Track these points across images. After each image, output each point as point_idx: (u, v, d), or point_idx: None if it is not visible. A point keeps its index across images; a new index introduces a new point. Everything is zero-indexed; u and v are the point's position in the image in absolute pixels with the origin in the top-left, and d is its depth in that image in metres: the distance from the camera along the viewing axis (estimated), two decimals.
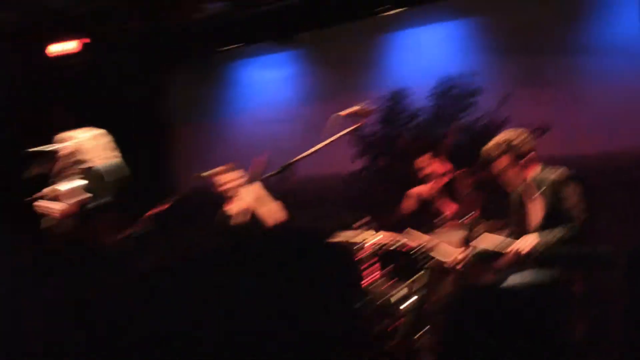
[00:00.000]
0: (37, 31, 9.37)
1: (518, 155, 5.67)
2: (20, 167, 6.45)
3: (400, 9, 9.06)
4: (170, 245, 9.13)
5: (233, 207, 7.71)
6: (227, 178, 7.63)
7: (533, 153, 5.72)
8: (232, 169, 7.71)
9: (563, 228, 5.50)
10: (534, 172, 5.73)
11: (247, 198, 7.40)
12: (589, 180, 6.14)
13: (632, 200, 7.62)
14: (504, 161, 5.70)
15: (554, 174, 5.68)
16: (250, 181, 7.47)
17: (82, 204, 6.31)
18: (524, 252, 5.50)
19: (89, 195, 6.33)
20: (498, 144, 5.73)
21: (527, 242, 5.53)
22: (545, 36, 8.50)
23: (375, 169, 9.34)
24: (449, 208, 6.93)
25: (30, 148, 6.53)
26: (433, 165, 7.20)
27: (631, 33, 7.84)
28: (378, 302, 5.86)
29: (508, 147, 5.67)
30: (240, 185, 7.63)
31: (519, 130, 5.98)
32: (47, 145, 6.64)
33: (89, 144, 6.63)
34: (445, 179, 7.10)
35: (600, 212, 6.04)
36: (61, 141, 6.62)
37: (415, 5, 8.95)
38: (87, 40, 9.45)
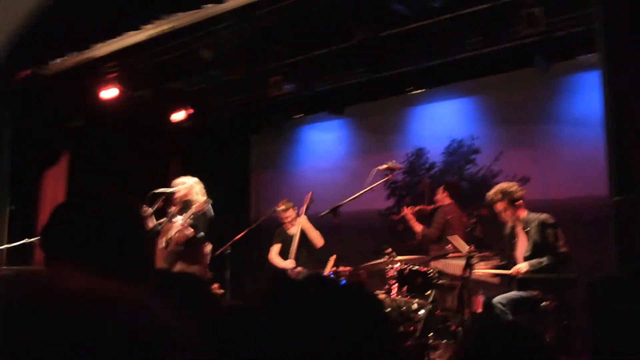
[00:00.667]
0: (161, 104, 9.53)
1: (511, 200, 5.62)
2: (148, 202, 6.52)
3: (421, 90, 9.05)
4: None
5: (291, 230, 7.71)
6: (288, 212, 7.67)
7: (522, 200, 5.68)
8: (291, 205, 7.73)
9: (547, 258, 5.43)
10: (523, 213, 5.67)
11: (302, 224, 7.42)
12: (560, 218, 6.02)
13: (594, 235, 7.43)
14: (501, 204, 5.66)
15: (539, 216, 5.61)
16: (302, 212, 7.50)
17: (189, 234, 6.35)
18: (520, 273, 5.45)
19: (192, 228, 6.37)
20: (497, 192, 5.69)
21: (521, 267, 5.47)
22: (528, 110, 8.41)
23: (401, 206, 9.27)
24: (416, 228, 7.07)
25: (155, 189, 6.62)
26: (441, 196, 7.29)
27: (593, 107, 7.69)
28: (400, 310, 5.77)
29: (504, 194, 5.64)
30: (295, 217, 7.67)
31: (512, 182, 5.93)
32: (167, 188, 6.72)
33: (195, 188, 6.69)
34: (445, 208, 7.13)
35: (569, 244, 5.91)
36: (176, 185, 6.69)
37: (432, 87, 8.92)
38: (192, 111, 9.59)
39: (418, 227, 7.25)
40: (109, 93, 8.72)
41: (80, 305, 0.54)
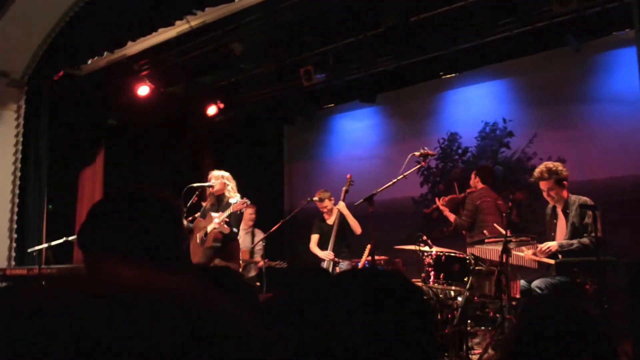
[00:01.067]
0: (193, 99, 9.62)
1: (558, 179, 5.58)
2: (185, 196, 6.60)
3: (452, 74, 9.00)
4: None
5: (329, 220, 7.77)
6: (325, 202, 7.72)
7: (567, 179, 5.64)
8: (328, 195, 7.78)
9: (577, 241, 5.37)
10: (566, 195, 5.64)
11: (341, 209, 7.47)
12: (599, 199, 5.94)
13: (634, 215, 7.31)
14: (546, 183, 5.62)
15: (580, 199, 5.57)
16: (342, 195, 7.55)
17: (225, 231, 6.43)
18: (550, 250, 5.41)
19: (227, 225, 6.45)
20: (544, 170, 5.65)
21: (551, 244, 5.44)
22: (562, 90, 8.30)
23: (437, 192, 9.25)
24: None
25: (190, 184, 6.70)
26: (473, 182, 7.24)
27: (629, 84, 7.56)
28: (438, 297, 5.77)
29: (550, 173, 5.60)
30: (332, 206, 7.73)
31: (559, 162, 5.89)
32: (203, 183, 6.80)
33: (230, 182, 6.76)
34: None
35: (607, 225, 5.83)
36: (211, 179, 6.75)
37: (463, 71, 8.86)
38: (223, 105, 9.67)
39: (452, 217, 7.21)
40: (141, 91, 8.83)
41: (135, 300, 0.53)
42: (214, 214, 6.51)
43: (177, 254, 1.79)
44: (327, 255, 7.45)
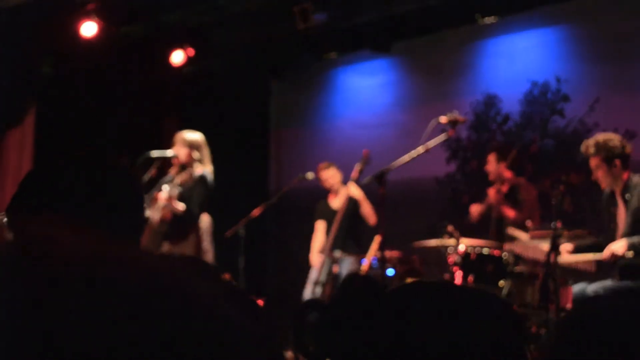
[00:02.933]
0: (154, 42, 9.58)
1: (609, 156, 5.60)
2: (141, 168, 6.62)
3: (492, 18, 8.99)
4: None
5: (335, 201, 7.82)
6: (331, 174, 7.76)
7: (625, 158, 5.64)
8: (335, 167, 7.83)
9: None
10: (626, 176, 5.65)
11: (353, 192, 7.49)
12: None
13: None
14: (595, 160, 5.64)
15: None
16: (354, 176, 7.58)
17: (179, 209, 6.49)
18: (616, 255, 5.43)
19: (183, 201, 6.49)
20: (593, 144, 5.67)
21: (617, 247, 5.45)
22: (634, 42, 8.28)
23: (468, 171, 9.28)
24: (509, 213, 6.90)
25: (148, 150, 6.71)
26: (500, 170, 7.18)
27: None
28: None
29: (599, 148, 5.62)
30: (339, 184, 7.77)
31: (615, 135, 5.90)
32: (165, 151, 6.82)
33: (201, 150, 6.78)
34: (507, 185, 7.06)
35: None
36: (178, 143, 6.78)
37: (507, 14, 8.86)
38: (195, 51, 9.64)
39: (511, 213, 7.00)
40: (86, 29, 8.78)
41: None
42: (164, 187, 6.58)
43: (133, 227, 1.83)
44: (315, 260, 7.56)
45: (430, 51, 9.75)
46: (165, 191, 6.50)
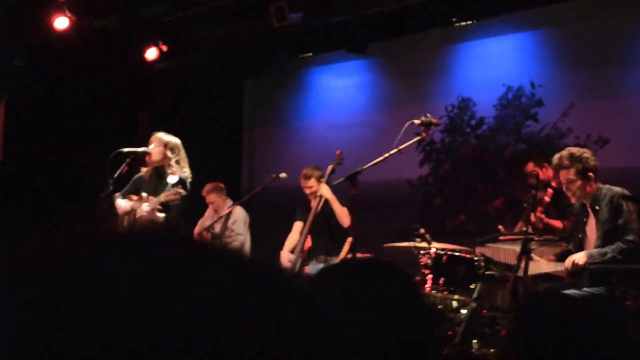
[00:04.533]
0: (129, 37, 9.53)
1: (583, 169, 5.62)
2: (111, 166, 6.55)
3: (468, 22, 8.99)
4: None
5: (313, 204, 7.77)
6: (311, 180, 7.69)
7: (596, 171, 5.67)
8: (319, 173, 7.77)
9: (615, 247, 5.43)
10: (595, 187, 5.68)
11: (324, 193, 7.42)
12: None
13: None
14: (568, 173, 5.66)
15: (612, 190, 5.62)
16: (325, 176, 7.52)
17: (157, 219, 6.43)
18: (579, 264, 5.46)
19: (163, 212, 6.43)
20: (565, 156, 5.69)
21: (577, 257, 5.48)
22: (609, 47, 8.33)
23: (441, 174, 9.30)
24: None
25: (121, 146, 6.65)
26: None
27: None
28: (436, 308, 5.82)
29: (573, 160, 5.63)
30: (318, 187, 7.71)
31: (585, 149, 5.93)
32: (136, 148, 6.75)
33: (173, 155, 6.71)
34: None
35: None
36: (156, 142, 6.71)
37: (482, 18, 8.88)
38: (169, 47, 9.59)
39: (558, 223, 6.82)
40: (59, 23, 8.72)
41: None
42: (145, 194, 6.50)
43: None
44: (284, 258, 7.52)
45: (406, 53, 9.76)
46: (146, 205, 6.43)
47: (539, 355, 1.61)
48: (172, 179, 6.45)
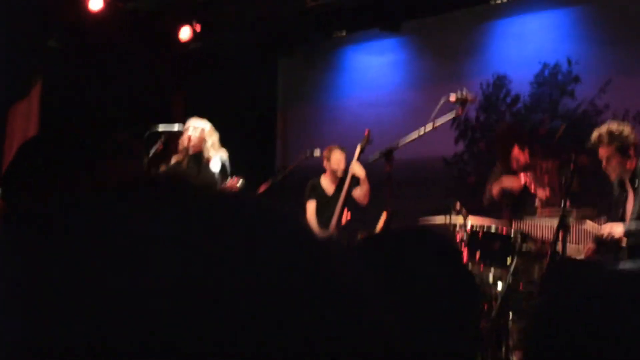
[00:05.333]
0: (162, 18, 9.56)
1: (621, 146, 5.56)
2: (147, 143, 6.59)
3: None
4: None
5: (328, 183, 7.72)
6: (339, 158, 7.69)
7: (637, 147, 5.62)
8: (342, 150, 7.76)
9: None
10: (634, 164, 5.63)
11: (355, 171, 7.39)
12: None
13: None
14: (606, 150, 5.62)
15: None
16: (356, 155, 7.50)
17: None
18: (614, 235, 5.42)
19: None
20: (604, 133, 5.64)
21: (616, 228, 5.44)
22: None
23: (476, 152, 9.26)
24: (540, 194, 6.83)
25: (155, 127, 6.68)
26: (522, 157, 7.12)
27: None
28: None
29: (612, 137, 5.59)
30: (343, 166, 7.70)
31: (624, 122, 5.88)
32: (171, 126, 6.78)
33: (209, 139, 6.75)
34: (531, 171, 6.99)
35: None
36: (190, 128, 6.74)
37: None
38: (201, 27, 9.60)
39: (542, 193, 6.99)
40: (93, 4, 8.77)
41: None
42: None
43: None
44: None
45: (440, 31, 9.73)
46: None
47: (560, 332, 1.54)
48: (215, 166, 6.52)
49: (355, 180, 7.53)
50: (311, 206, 7.78)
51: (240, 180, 6.37)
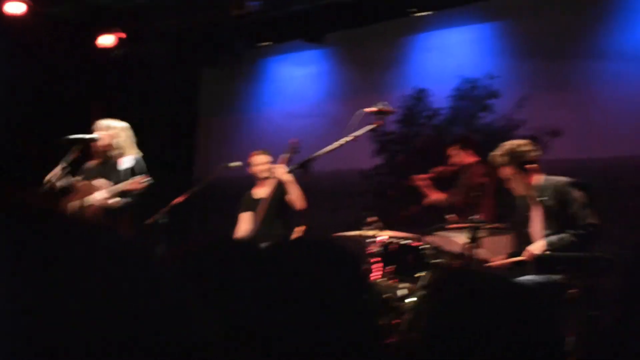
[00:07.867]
0: (84, 24, 9.44)
1: (521, 163, 5.62)
2: (58, 153, 6.50)
3: (425, 12, 9.02)
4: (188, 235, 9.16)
5: (260, 191, 7.67)
6: (260, 161, 7.64)
7: (536, 163, 5.67)
8: (265, 154, 7.71)
9: (569, 233, 5.43)
10: (538, 179, 5.67)
11: (282, 176, 7.30)
12: (599, 183, 6.04)
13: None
14: (508, 170, 5.67)
15: (557, 180, 5.62)
16: (283, 162, 7.44)
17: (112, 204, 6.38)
18: (534, 256, 5.47)
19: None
20: (503, 153, 5.69)
21: (535, 247, 5.49)
22: (563, 40, 8.40)
23: (394, 165, 9.31)
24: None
25: (68, 135, 6.57)
26: (460, 156, 7.29)
27: None
28: (382, 297, 5.81)
29: (512, 156, 5.63)
30: (270, 169, 7.62)
31: (524, 140, 5.93)
32: (85, 134, 6.68)
33: (123, 136, 6.68)
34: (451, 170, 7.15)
35: (610, 216, 5.94)
36: (99, 129, 6.67)
37: (440, 9, 8.91)
38: (125, 35, 9.50)
39: (438, 196, 7.21)
40: (13, 8, 8.62)
41: None
42: (96, 182, 6.46)
43: None
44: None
45: (363, 43, 9.77)
46: (101, 184, 6.40)
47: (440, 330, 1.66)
48: (126, 163, 6.44)
49: (282, 187, 7.46)
50: (243, 217, 7.70)
51: (147, 179, 6.30)
